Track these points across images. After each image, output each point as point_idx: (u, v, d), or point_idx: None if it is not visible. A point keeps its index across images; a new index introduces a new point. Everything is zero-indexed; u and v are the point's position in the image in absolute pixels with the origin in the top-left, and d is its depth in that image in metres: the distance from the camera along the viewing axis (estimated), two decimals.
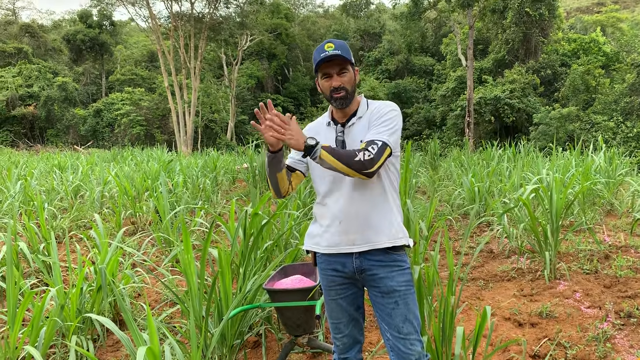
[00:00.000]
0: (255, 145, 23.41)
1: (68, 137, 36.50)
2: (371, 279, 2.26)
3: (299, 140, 2.04)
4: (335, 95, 2.23)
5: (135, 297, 4.64)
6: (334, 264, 2.30)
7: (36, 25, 44.79)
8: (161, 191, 6.24)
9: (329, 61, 2.20)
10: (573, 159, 8.66)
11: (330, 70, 2.22)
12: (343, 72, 2.23)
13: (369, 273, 2.26)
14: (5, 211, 7.30)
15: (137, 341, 2.37)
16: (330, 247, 2.28)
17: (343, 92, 2.22)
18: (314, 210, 2.38)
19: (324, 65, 2.21)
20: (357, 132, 2.27)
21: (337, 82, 2.22)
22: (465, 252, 5.84)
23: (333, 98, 2.24)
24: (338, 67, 2.22)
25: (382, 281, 2.24)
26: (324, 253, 2.32)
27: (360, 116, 2.29)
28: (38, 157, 20.13)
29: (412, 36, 35.83)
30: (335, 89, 2.22)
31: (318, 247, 2.33)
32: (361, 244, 2.23)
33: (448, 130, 28.66)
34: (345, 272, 2.29)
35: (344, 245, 2.25)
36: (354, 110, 2.32)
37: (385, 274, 2.24)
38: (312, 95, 42.52)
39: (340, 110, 2.31)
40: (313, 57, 2.25)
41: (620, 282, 4.47)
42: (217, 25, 30.61)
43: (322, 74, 2.24)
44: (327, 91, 2.26)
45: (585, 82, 24.38)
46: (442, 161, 14.68)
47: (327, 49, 2.18)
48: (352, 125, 2.28)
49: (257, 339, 3.71)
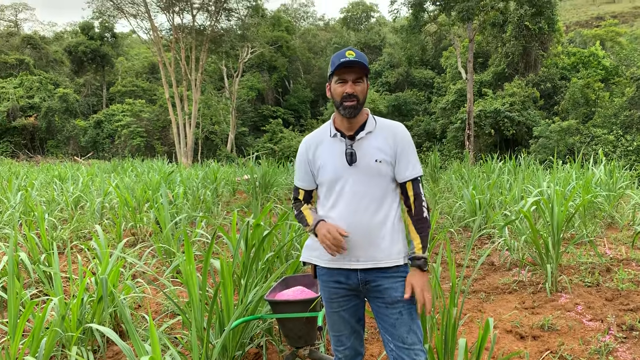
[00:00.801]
0: (255, 157, 23.44)
1: (68, 148, 36.54)
2: (375, 289, 2.26)
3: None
4: (346, 103, 2.21)
5: (136, 308, 4.62)
6: (336, 276, 2.29)
7: (38, 37, 45.05)
8: (162, 202, 6.24)
9: (348, 67, 2.19)
10: (573, 172, 8.66)
11: (347, 76, 2.21)
12: (358, 81, 2.22)
13: (374, 284, 2.25)
14: (6, 221, 7.29)
15: (139, 351, 2.36)
16: (333, 262, 2.27)
17: (355, 101, 2.21)
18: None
19: (342, 70, 2.20)
20: (369, 147, 2.26)
21: (350, 89, 2.20)
22: (466, 265, 5.83)
23: (343, 106, 2.22)
24: (355, 75, 2.21)
25: (386, 292, 2.24)
26: (326, 266, 2.31)
27: (369, 131, 2.28)
28: (38, 168, 20.15)
29: (413, 49, 36.01)
30: (348, 96, 2.20)
31: (319, 260, 2.32)
32: (365, 261, 2.23)
33: (448, 143, 28.72)
34: (349, 284, 2.28)
35: (348, 261, 2.25)
36: (361, 123, 2.30)
37: (390, 285, 2.24)
38: (313, 108, 42.69)
39: (346, 121, 2.28)
40: (331, 62, 2.24)
41: (622, 295, 4.46)
42: (218, 38, 30.78)
43: (337, 79, 2.23)
44: (338, 97, 2.23)
45: (584, 96, 24.48)
46: (442, 174, 14.69)
47: (347, 55, 2.18)
48: (362, 139, 2.27)
49: (258, 351, 3.69)
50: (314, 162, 2.34)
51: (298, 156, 2.43)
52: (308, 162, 2.37)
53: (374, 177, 2.24)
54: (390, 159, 2.27)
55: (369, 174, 2.23)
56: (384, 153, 2.25)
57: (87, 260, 6.33)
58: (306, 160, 2.38)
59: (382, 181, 2.25)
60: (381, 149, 2.26)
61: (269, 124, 36.85)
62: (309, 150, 2.37)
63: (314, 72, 44.30)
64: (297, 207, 2.43)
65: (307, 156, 2.37)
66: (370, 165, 2.23)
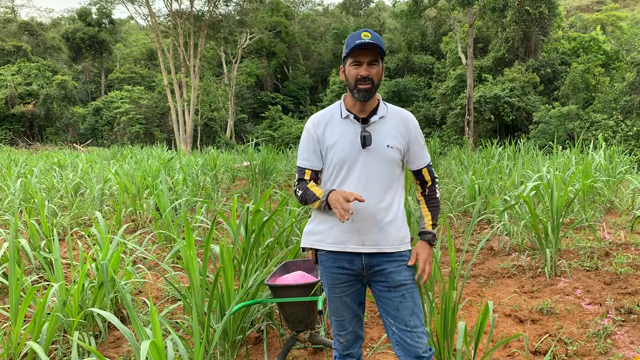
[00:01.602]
0: (255, 144, 23.40)
1: (67, 136, 36.47)
2: (379, 273, 2.27)
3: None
4: (361, 85, 2.18)
5: (137, 293, 4.65)
6: (340, 261, 2.28)
7: (35, 24, 44.74)
8: (161, 189, 6.24)
9: (363, 49, 2.16)
10: (573, 157, 8.66)
11: (362, 58, 2.18)
12: (374, 63, 2.19)
13: (377, 268, 2.26)
14: (6, 208, 7.30)
15: (140, 336, 2.37)
16: (337, 245, 2.26)
17: (369, 84, 2.18)
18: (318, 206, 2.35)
19: (357, 51, 2.17)
20: (383, 132, 2.26)
21: (365, 72, 2.17)
22: (466, 250, 5.85)
23: (357, 88, 2.19)
24: (370, 57, 2.18)
25: (390, 275, 2.25)
26: (330, 250, 2.29)
27: (382, 116, 2.28)
28: (37, 155, 20.12)
29: (412, 34, 35.86)
30: (362, 79, 2.17)
31: (322, 244, 2.30)
32: (370, 246, 2.24)
33: (448, 129, 28.68)
34: (353, 269, 2.28)
35: (353, 244, 2.24)
36: (373, 107, 2.29)
37: (394, 269, 2.25)
38: (312, 94, 42.53)
39: (359, 104, 2.26)
40: (346, 43, 2.20)
41: (620, 279, 4.48)
42: (216, 23, 30.57)
43: (352, 61, 2.20)
44: (352, 79, 2.20)
45: (585, 81, 24.40)
46: (442, 159, 14.69)
47: (363, 37, 2.15)
48: (375, 122, 2.26)
49: (258, 335, 3.72)
50: (323, 141, 2.29)
51: (305, 135, 2.35)
52: (317, 140, 2.30)
53: (384, 162, 2.24)
54: (401, 146, 2.27)
55: (380, 158, 2.23)
56: (396, 139, 2.26)
57: (88, 246, 6.35)
58: (315, 139, 2.31)
59: (390, 166, 2.26)
60: (393, 135, 2.26)
61: (268, 110, 36.74)
62: (318, 128, 2.31)
63: (313, 58, 44.07)
64: (301, 187, 2.32)
65: (317, 134, 2.30)
66: (382, 150, 2.23)
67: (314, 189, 2.26)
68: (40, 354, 2.66)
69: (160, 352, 2.26)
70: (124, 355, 3.45)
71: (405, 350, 2.23)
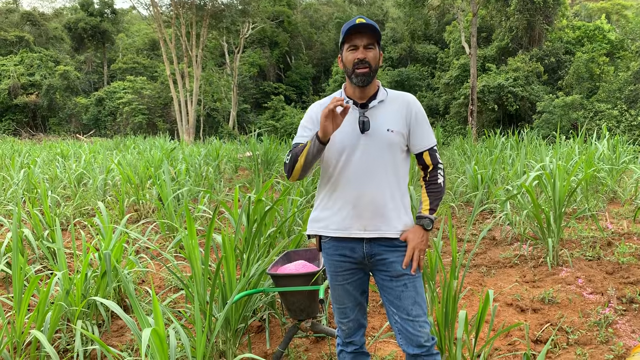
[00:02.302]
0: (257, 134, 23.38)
1: (70, 126, 36.48)
2: (381, 263, 2.27)
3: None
4: (358, 69, 2.17)
5: (139, 283, 4.67)
6: (342, 249, 2.29)
7: (37, 14, 44.59)
8: (164, 179, 6.25)
9: (358, 32, 2.15)
10: (576, 147, 8.64)
11: (358, 41, 2.17)
12: (370, 46, 2.18)
13: (379, 257, 2.26)
14: (9, 198, 7.33)
15: (143, 324, 2.39)
16: (340, 231, 2.26)
17: (367, 68, 2.17)
18: (322, 194, 2.34)
19: (352, 35, 2.17)
20: (382, 116, 2.24)
21: (362, 55, 2.16)
22: (468, 239, 5.85)
23: (355, 73, 2.18)
24: (366, 40, 2.17)
25: (391, 265, 2.25)
26: (333, 237, 2.29)
27: (381, 100, 2.27)
28: (41, 145, 20.16)
29: (415, 24, 35.60)
30: (360, 61, 2.16)
31: (326, 231, 2.30)
32: (372, 231, 2.23)
33: (451, 119, 28.56)
34: (355, 257, 2.28)
35: (355, 230, 2.24)
36: (373, 92, 2.28)
37: (395, 258, 2.25)
38: (315, 84, 42.37)
39: (358, 90, 2.25)
40: (341, 30, 2.20)
41: (622, 269, 4.48)
42: (218, 13, 30.41)
43: (348, 46, 2.20)
44: (350, 64, 2.19)
45: (589, 70, 24.23)
46: (445, 149, 14.67)
47: (357, 22, 2.15)
48: (374, 107, 2.25)
49: (260, 324, 3.74)
50: None
51: (305, 118, 2.34)
52: (318, 123, 2.26)
53: (385, 146, 2.23)
54: (402, 129, 2.26)
55: (380, 143, 2.22)
56: (396, 123, 2.25)
57: (91, 236, 6.37)
58: (315, 122, 2.29)
59: (391, 151, 2.24)
60: (393, 119, 2.25)
61: (270, 100, 36.64)
62: (319, 114, 2.28)
63: (316, 48, 43.85)
64: (289, 153, 2.28)
65: (317, 118, 2.28)
66: (382, 134, 2.22)
67: (300, 145, 2.24)
68: (44, 342, 2.68)
69: (163, 340, 2.27)
70: (127, 344, 3.48)
71: (407, 339, 2.25)
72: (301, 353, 3.32)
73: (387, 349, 3.33)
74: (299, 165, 2.22)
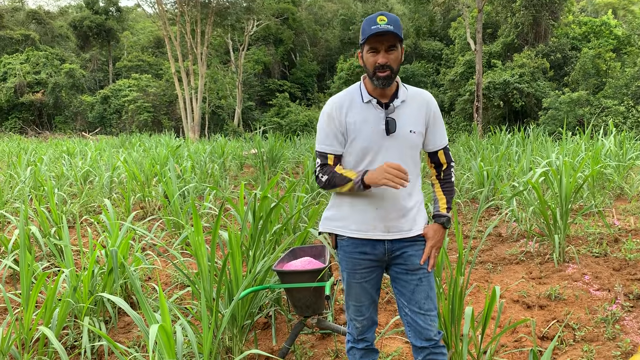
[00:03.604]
0: (262, 131, 23.38)
1: (76, 124, 36.60)
2: (399, 257, 2.28)
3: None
4: (380, 73, 2.12)
5: (146, 280, 4.69)
6: (363, 246, 2.27)
7: (42, 12, 44.68)
8: (170, 176, 6.27)
9: (380, 35, 2.08)
10: (583, 143, 8.59)
11: (379, 45, 2.11)
12: (391, 49, 2.12)
13: (398, 253, 2.27)
14: (16, 196, 7.37)
15: (150, 321, 2.40)
16: (362, 232, 2.25)
17: (388, 72, 2.12)
18: (342, 193, 2.29)
19: (373, 39, 2.10)
20: (405, 116, 2.22)
21: (383, 60, 2.10)
22: (473, 236, 5.84)
23: (376, 76, 2.13)
24: (388, 43, 2.11)
25: (410, 259, 2.26)
26: (352, 237, 2.28)
27: (403, 99, 2.23)
28: (47, 143, 20.24)
29: (421, 20, 35.51)
30: (380, 67, 2.11)
31: (345, 230, 2.28)
32: (395, 232, 2.24)
33: (456, 115, 28.49)
34: (375, 254, 2.28)
35: (379, 232, 2.23)
36: (394, 90, 2.24)
37: (413, 252, 2.27)
38: (319, 81, 42.32)
39: (379, 89, 2.20)
40: (362, 28, 2.14)
41: (629, 265, 4.46)
42: (223, 10, 30.42)
43: (369, 48, 2.13)
44: (371, 67, 2.14)
45: (595, 66, 24.09)
46: (450, 146, 14.60)
47: (379, 22, 2.07)
48: (397, 107, 2.22)
49: (266, 320, 3.75)
50: (346, 126, 2.23)
51: (325, 119, 2.27)
52: (339, 124, 2.24)
53: (407, 147, 2.22)
54: (422, 129, 2.25)
55: (403, 144, 2.21)
56: (417, 124, 2.24)
57: (97, 234, 6.40)
58: (336, 123, 2.24)
59: (412, 152, 2.24)
60: (415, 119, 2.23)
61: (275, 98, 36.63)
62: (340, 112, 2.23)
63: (321, 45, 43.78)
64: (326, 172, 2.24)
65: (338, 119, 2.24)
66: (405, 136, 2.20)
67: (342, 172, 2.21)
68: (51, 338, 2.69)
69: (170, 336, 2.28)
70: (134, 341, 3.50)
71: (416, 332, 2.26)
72: (307, 349, 3.33)
73: (393, 345, 3.33)
74: (339, 190, 2.24)
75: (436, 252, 2.28)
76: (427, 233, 2.28)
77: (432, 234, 2.27)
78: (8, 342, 2.81)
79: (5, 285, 4.55)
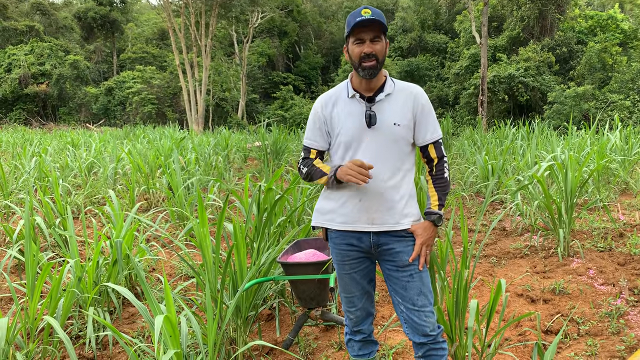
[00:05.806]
0: (266, 124, 23.36)
1: (80, 116, 36.64)
2: (387, 253, 2.26)
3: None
4: (365, 63, 2.15)
5: (150, 271, 4.70)
6: (349, 238, 2.29)
7: (47, 3, 44.61)
8: (174, 168, 6.27)
9: (364, 26, 2.13)
10: (588, 138, 8.55)
11: (364, 35, 2.15)
12: (376, 39, 2.17)
13: (386, 247, 2.26)
14: (21, 187, 7.39)
15: (155, 311, 2.40)
16: (347, 224, 2.27)
17: (374, 61, 2.15)
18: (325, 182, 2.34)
19: (358, 29, 2.14)
20: (389, 110, 2.23)
21: (369, 49, 2.15)
22: (478, 230, 5.83)
23: (362, 67, 2.17)
24: (372, 33, 2.15)
25: (398, 255, 2.25)
26: (338, 229, 2.30)
27: (388, 93, 2.25)
28: (51, 135, 20.27)
29: (426, 13, 35.32)
30: (366, 56, 2.15)
31: (332, 224, 2.31)
32: (380, 224, 2.23)
33: (461, 109, 28.38)
34: (361, 246, 2.29)
35: (363, 223, 2.24)
36: (379, 85, 2.26)
37: (402, 248, 2.25)
38: (324, 74, 42.20)
39: (365, 82, 2.23)
40: (347, 22, 2.19)
41: (634, 260, 4.45)
42: (228, 2, 30.28)
43: (354, 39, 2.18)
44: (356, 58, 2.18)
45: (601, 60, 23.94)
46: (455, 140, 14.59)
47: (363, 14, 2.12)
48: (381, 101, 2.24)
49: (270, 312, 3.76)
50: (330, 121, 2.30)
51: (312, 115, 2.36)
52: (324, 121, 2.32)
53: (392, 140, 2.22)
54: (409, 122, 2.25)
55: (387, 137, 2.21)
56: (403, 116, 2.23)
57: (102, 225, 6.42)
58: (322, 119, 2.33)
59: (398, 145, 2.24)
60: (400, 112, 2.23)
61: (279, 90, 36.56)
62: (325, 109, 2.32)
63: (325, 38, 43.62)
64: (306, 164, 2.36)
65: (323, 115, 2.32)
66: (389, 128, 2.21)
67: (320, 165, 2.30)
68: (56, 328, 2.70)
69: (174, 327, 2.29)
70: (138, 331, 3.51)
71: (413, 329, 2.26)
72: (311, 341, 3.33)
73: (397, 338, 3.33)
74: (317, 183, 2.33)
75: (427, 250, 2.25)
76: (415, 230, 2.25)
77: (421, 232, 2.24)
78: (13, 332, 2.82)
79: (10, 275, 4.57)
